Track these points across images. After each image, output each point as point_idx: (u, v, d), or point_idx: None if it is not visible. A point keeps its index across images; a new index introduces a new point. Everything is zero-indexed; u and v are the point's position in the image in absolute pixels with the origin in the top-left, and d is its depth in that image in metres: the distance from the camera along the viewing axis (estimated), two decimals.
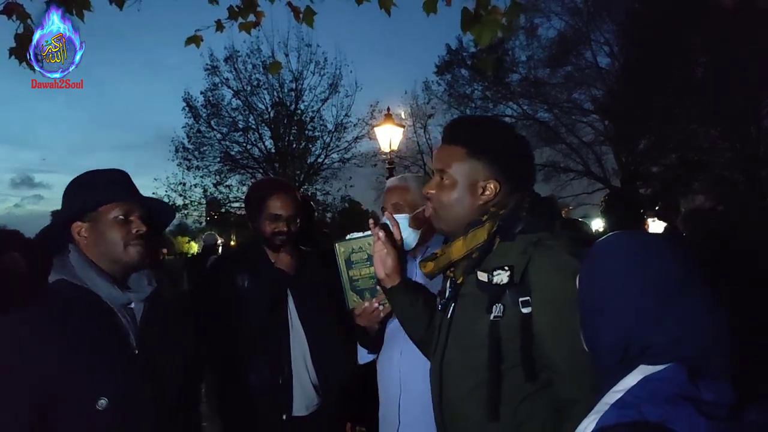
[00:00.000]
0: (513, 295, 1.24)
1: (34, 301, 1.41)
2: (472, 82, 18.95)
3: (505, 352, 1.24)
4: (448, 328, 1.40)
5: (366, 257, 1.87)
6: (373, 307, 1.90)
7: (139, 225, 1.50)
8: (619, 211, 3.18)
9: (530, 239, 1.27)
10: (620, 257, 0.95)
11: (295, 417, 2.13)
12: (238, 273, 2.17)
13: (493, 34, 2.60)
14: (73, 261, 1.47)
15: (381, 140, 10.41)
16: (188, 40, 3.10)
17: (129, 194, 1.55)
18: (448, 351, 1.39)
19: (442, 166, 1.40)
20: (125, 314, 1.48)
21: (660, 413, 0.74)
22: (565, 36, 17.46)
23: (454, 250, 1.37)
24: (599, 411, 0.82)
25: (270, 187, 2.21)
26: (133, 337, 1.47)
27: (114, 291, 1.46)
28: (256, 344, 2.11)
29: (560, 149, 18.62)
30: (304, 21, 3.08)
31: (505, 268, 1.25)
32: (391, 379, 1.94)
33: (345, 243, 1.90)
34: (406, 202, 2.04)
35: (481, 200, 1.36)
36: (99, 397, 1.34)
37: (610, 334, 0.92)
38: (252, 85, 17.25)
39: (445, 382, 1.39)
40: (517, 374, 1.24)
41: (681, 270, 0.91)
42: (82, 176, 1.56)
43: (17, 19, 2.59)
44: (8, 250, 3.99)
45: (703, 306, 0.88)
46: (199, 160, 17.67)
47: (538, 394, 1.24)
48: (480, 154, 1.36)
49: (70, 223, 1.50)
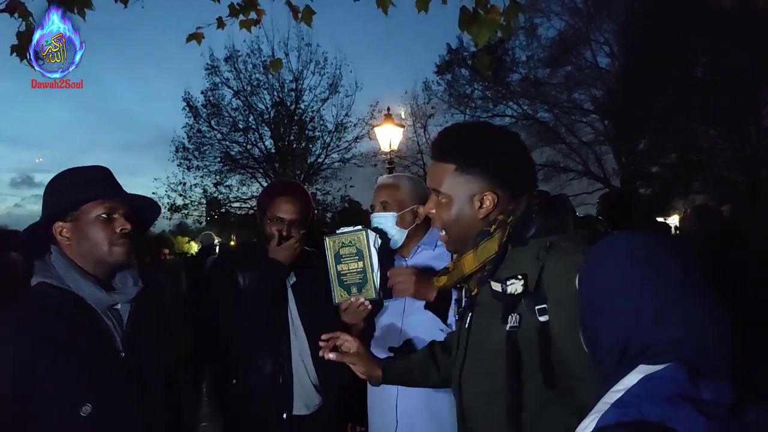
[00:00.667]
0: (529, 304, 1.20)
1: (14, 305, 1.35)
2: (472, 82, 18.96)
3: (524, 360, 1.21)
4: (467, 337, 1.38)
5: (355, 252, 1.88)
6: (359, 302, 1.90)
7: (123, 223, 1.44)
8: (617, 212, 3.18)
9: (542, 243, 1.23)
10: (619, 257, 0.95)
11: (295, 416, 2.13)
12: (239, 271, 2.17)
13: (491, 34, 2.59)
14: (55, 263, 1.41)
15: (381, 140, 10.43)
16: (189, 36, 3.11)
17: (111, 191, 1.48)
18: (468, 360, 1.37)
19: (435, 185, 1.38)
20: (111, 316, 1.43)
21: (660, 413, 0.74)
22: (565, 36, 17.47)
23: (465, 264, 1.34)
24: (599, 411, 0.82)
25: (277, 190, 2.22)
26: (119, 339, 1.42)
27: (98, 293, 1.41)
28: (258, 342, 2.11)
29: (560, 149, 18.63)
30: (303, 20, 3.08)
31: (518, 277, 1.21)
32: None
33: (335, 237, 1.91)
34: (395, 200, 2.03)
35: (482, 213, 1.33)
36: (83, 403, 1.29)
37: (609, 334, 0.91)
38: (252, 85, 17.28)
39: (465, 390, 1.38)
40: (536, 382, 1.21)
41: (680, 269, 0.91)
42: (62, 174, 1.49)
43: (19, 17, 2.59)
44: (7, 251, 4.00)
45: (703, 306, 0.88)
46: (199, 160, 17.71)
47: (559, 401, 1.21)
48: (470, 168, 1.32)
49: (52, 223, 1.44)
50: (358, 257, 1.88)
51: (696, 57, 15.53)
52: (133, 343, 1.45)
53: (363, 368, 1.59)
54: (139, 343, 1.47)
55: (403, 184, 2.08)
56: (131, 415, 1.39)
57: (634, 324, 0.88)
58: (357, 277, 1.89)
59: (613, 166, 17.97)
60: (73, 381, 1.30)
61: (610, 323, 0.92)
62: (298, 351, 2.16)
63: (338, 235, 1.90)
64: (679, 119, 15.67)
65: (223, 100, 17.44)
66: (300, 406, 2.14)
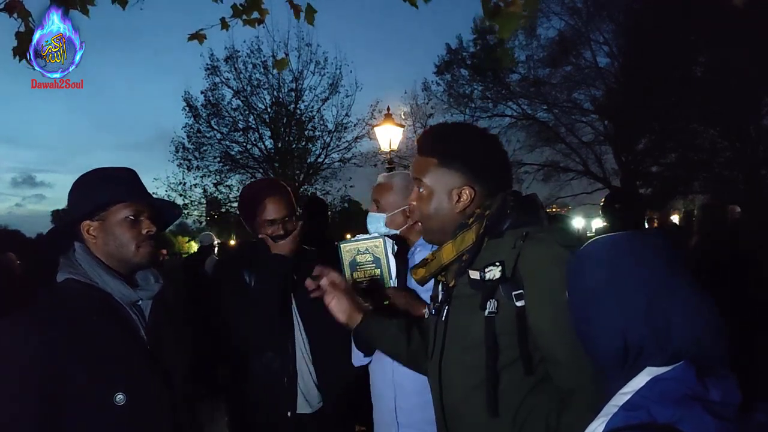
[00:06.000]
0: (506, 290, 1.25)
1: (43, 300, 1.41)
2: (471, 82, 18.96)
3: (503, 347, 1.25)
4: (444, 330, 1.40)
5: (372, 260, 1.88)
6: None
7: (149, 226, 1.51)
8: (619, 210, 3.18)
9: (519, 233, 1.29)
10: (603, 260, 0.94)
11: (299, 414, 2.14)
12: (246, 271, 2.18)
13: (515, 25, 2.55)
14: (80, 260, 1.47)
15: (381, 140, 10.41)
16: (191, 36, 3.09)
17: (139, 194, 1.54)
18: (446, 354, 1.39)
19: (418, 176, 1.45)
20: (135, 311, 1.49)
21: (669, 414, 0.73)
22: (565, 36, 17.47)
23: (444, 254, 1.39)
24: (608, 413, 0.81)
25: (261, 193, 2.21)
26: (144, 333, 1.48)
27: (125, 289, 1.47)
28: (263, 341, 2.11)
29: (560, 149, 18.65)
30: (306, 19, 3.06)
31: (496, 263, 1.26)
32: (384, 381, 1.93)
33: (350, 244, 1.90)
34: (386, 201, 2.01)
35: (458, 207, 1.40)
36: (116, 392, 1.35)
37: (604, 340, 0.91)
38: (252, 85, 17.25)
39: (445, 384, 1.39)
40: (516, 369, 1.25)
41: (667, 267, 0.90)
42: (91, 174, 1.55)
43: (18, 17, 2.58)
44: (4, 250, 4.01)
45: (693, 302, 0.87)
46: (199, 160, 17.68)
47: (539, 388, 1.25)
48: (450, 162, 1.40)
49: (79, 221, 1.49)
50: (375, 265, 1.88)
51: (696, 56, 15.53)
52: (156, 336, 1.51)
53: (345, 306, 1.61)
54: (160, 337, 1.53)
55: (396, 183, 2.04)
56: (161, 403, 1.45)
57: (626, 325, 0.88)
58: (372, 285, 1.88)
59: (613, 166, 18.00)
60: (106, 371, 1.36)
61: (602, 331, 0.91)
62: (300, 350, 2.17)
63: (354, 242, 1.90)
64: (679, 119, 15.68)
65: (223, 100, 17.43)
66: (303, 404, 2.15)
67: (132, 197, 1.51)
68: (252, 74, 17.15)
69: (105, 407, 1.34)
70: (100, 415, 1.34)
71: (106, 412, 1.34)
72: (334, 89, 17.49)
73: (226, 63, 17.05)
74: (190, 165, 17.63)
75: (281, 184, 2.27)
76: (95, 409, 1.34)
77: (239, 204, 2.34)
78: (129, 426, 1.37)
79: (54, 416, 1.30)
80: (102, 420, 1.35)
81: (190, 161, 17.63)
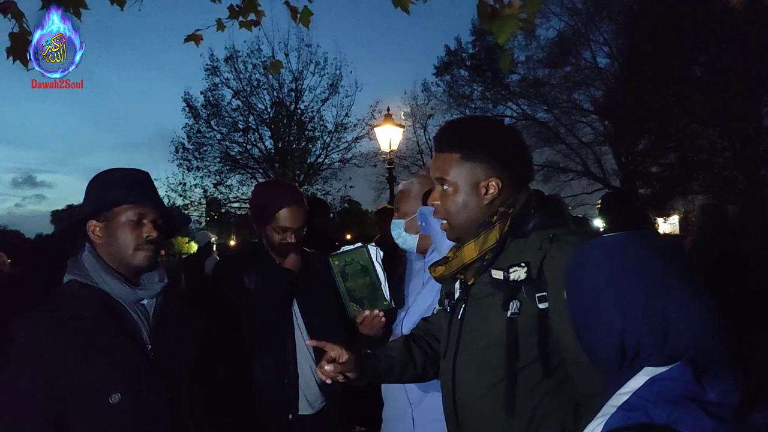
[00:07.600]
0: (529, 291, 1.23)
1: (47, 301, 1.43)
2: (471, 83, 18.97)
3: (522, 348, 1.24)
4: (459, 328, 1.39)
5: (359, 268, 1.93)
6: (373, 315, 1.93)
7: (150, 230, 1.49)
8: (618, 211, 3.18)
9: (545, 235, 1.26)
10: (599, 261, 0.94)
11: (301, 416, 2.13)
12: (246, 274, 2.17)
13: (513, 30, 2.46)
14: (85, 261, 1.48)
15: (381, 140, 10.40)
16: (187, 37, 3.08)
17: (145, 197, 1.53)
18: (461, 352, 1.37)
19: (440, 174, 1.39)
20: (137, 311, 1.49)
21: (667, 415, 0.73)
22: (565, 36, 17.47)
23: (466, 253, 1.36)
24: (606, 414, 0.81)
25: (281, 199, 2.15)
26: (146, 333, 1.48)
27: (123, 288, 1.47)
28: (264, 344, 2.11)
29: (560, 149, 18.66)
30: (301, 21, 3.06)
31: (521, 264, 1.24)
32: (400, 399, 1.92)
33: (338, 256, 1.96)
34: (405, 207, 2.05)
35: (486, 199, 1.35)
36: (112, 391, 1.36)
37: (603, 340, 0.91)
38: (252, 86, 17.26)
39: (458, 381, 1.38)
40: (534, 370, 1.23)
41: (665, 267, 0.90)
42: (102, 174, 1.55)
43: (12, 18, 2.56)
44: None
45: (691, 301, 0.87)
46: (199, 160, 17.68)
47: (556, 390, 1.24)
48: (475, 154, 1.36)
49: (87, 221, 1.50)
50: (363, 273, 1.93)
51: (695, 56, 15.53)
52: (160, 336, 1.51)
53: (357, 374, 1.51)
54: (165, 336, 1.52)
55: (413, 189, 2.07)
56: (158, 403, 1.45)
57: (624, 325, 0.88)
58: (366, 291, 1.94)
59: (613, 166, 18.00)
60: (102, 371, 1.37)
61: (601, 327, 0.91)
62: (302, 351, 2.17)
63: (340, 254, 1.95)
64: (679, 119, 15.68)
65: (223, 100, 17.44)
66: (305, 405, 2.15)
67: (137, 200, 1.50)
68: (252, 74, 17.19)
69: (100, 406, 1.35)
70: (95, 413, 1.35)
71: (102, 411, 1.35)
72: (334, 90, 17.53)
73: (226, 63, 17.07)
74: (190, 165, 17.65)
75: (300, 192, 2.24)
76: (91, 408, 1.35)
77: (252, 203, 2.28)
78: (126, 425, 1.38)
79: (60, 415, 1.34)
80: (97, 418, 1.36)
81: (190, 161, 17.65)
